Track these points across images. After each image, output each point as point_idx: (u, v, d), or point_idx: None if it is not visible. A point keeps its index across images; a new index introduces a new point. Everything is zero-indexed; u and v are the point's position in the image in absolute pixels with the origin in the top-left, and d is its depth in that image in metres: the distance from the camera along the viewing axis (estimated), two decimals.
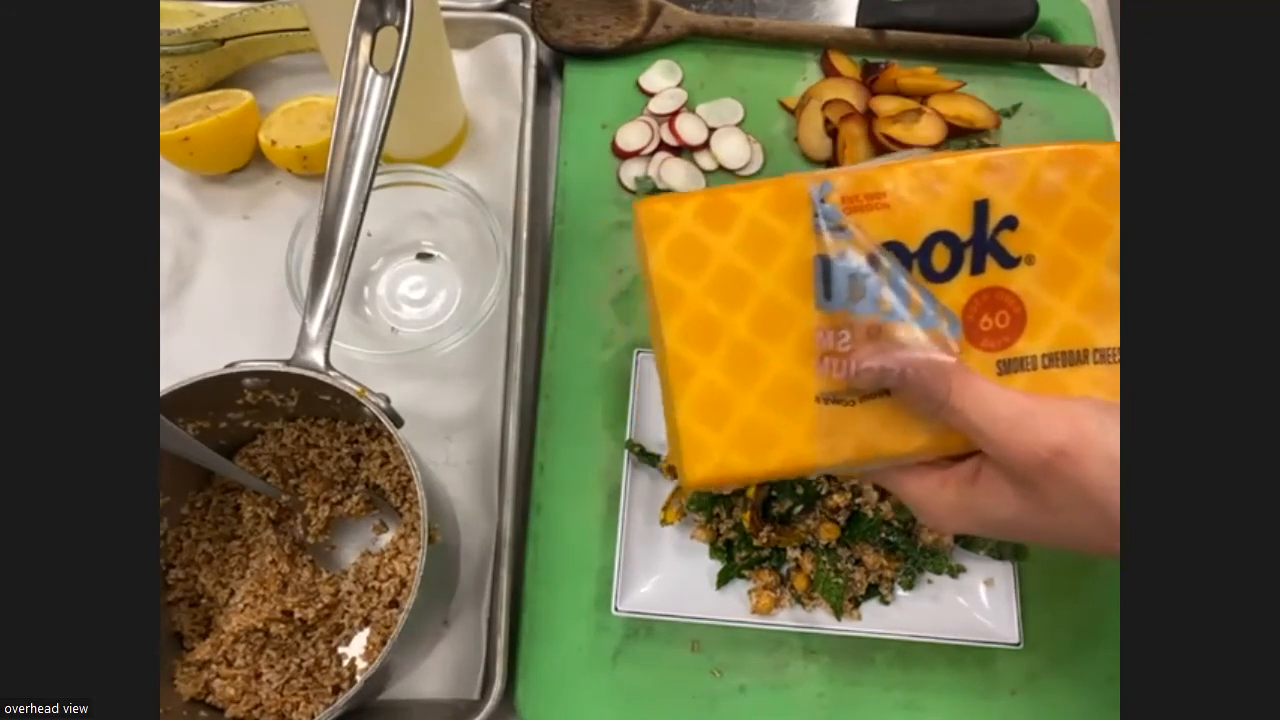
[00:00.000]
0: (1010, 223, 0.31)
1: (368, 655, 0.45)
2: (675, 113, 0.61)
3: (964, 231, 0.31)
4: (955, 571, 0.48)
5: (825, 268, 0.30)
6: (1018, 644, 0.46)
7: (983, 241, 0.31)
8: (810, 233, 0.30)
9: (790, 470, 0.31)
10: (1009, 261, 0.31)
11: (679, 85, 0.62)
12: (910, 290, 0.30)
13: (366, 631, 0.46)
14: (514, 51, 0.62)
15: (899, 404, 0.30)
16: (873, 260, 0.30)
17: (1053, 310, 0.31)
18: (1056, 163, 0.31)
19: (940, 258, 0.30)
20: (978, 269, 0.31)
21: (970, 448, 0.31)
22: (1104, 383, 0.31)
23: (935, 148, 0.60)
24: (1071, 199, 0.31)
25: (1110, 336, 0.31)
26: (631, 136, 0.60)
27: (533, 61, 0.61)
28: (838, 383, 0.30)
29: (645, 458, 0.50)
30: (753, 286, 0.30)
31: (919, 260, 0.30)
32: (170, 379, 0.42)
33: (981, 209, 0.31)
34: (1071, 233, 0.31)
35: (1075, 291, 0.31)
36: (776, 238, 0.30)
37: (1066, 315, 0.31)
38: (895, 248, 0.30)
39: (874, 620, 0.47)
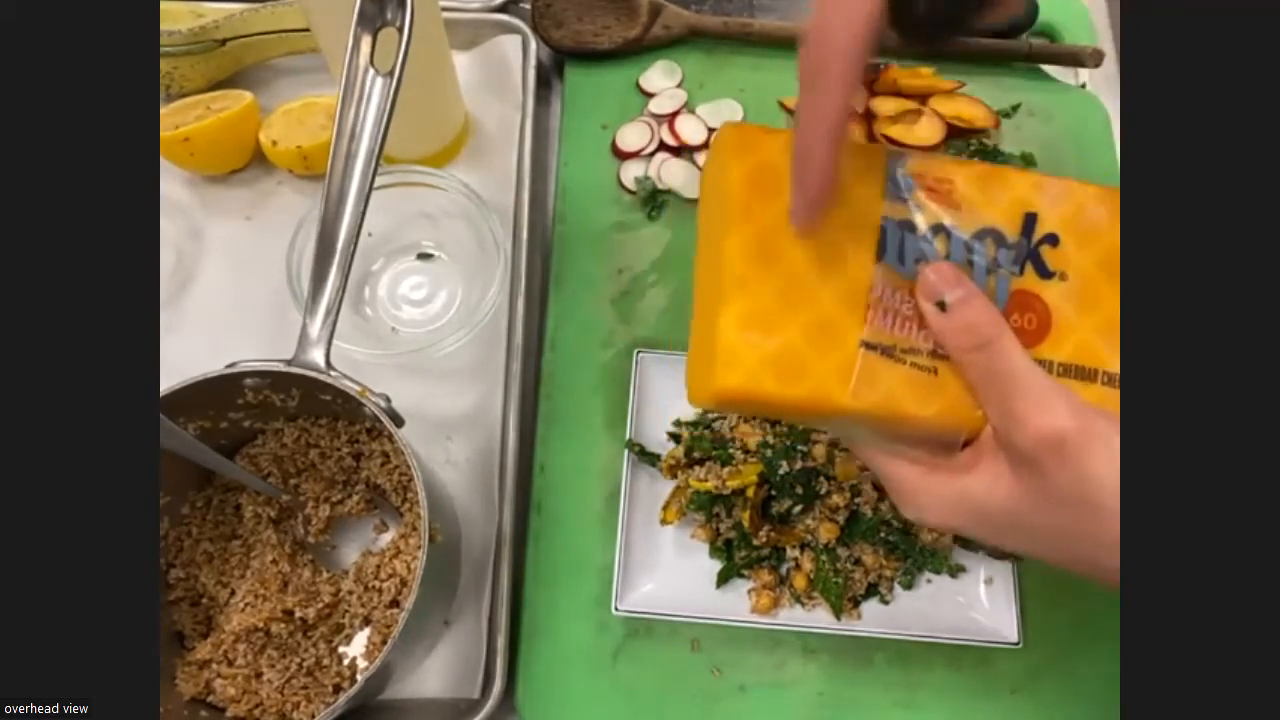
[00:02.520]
0: (1052, 239, 0.33)
1: (368, 655, 0.45)
2: (675, 113, 0.61)
3: (1012, 234, 0.33)
4: (955, 571, 0.48)
5: (898, 233, 0.32)
6: (1017, 643, 0.46)
7: (1026, 248, 0.33)
8: (879, 195, 0.32)
9: (813, 404, 0.31)
10: (1046, 273, 0.33)
11: (679, 86, 0.62)
12: (964, 269, 0.32)
13: (367, 631, 0.46)
14: (514, 52, 0.62)
15: (940, 375, 0.32)
16: (932, 233, 0.32)
17: (1075, 326, 0.33)
18: (1102, 201, 0.34)
19: (988, 250, 0.33)
20: (1017, 271, 0.33)
21: (974, 431, 0.32)
22: (1108, 403, 0.33)
23: (934, 148, 0.60)
24: (1107, 235, 0.34)
25: (1119, 364, 0.33)
26: (631, 137, 0.60)
27: (533, 62, 0.61)
28: (896, 338, 0.32)
29: (645, 457, 0.50)
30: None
31: (969, 247, 0.32)
32: (171, 379, 0.42)
33: (1030, 220, 0.33)
34: (1103, 264, 0.34)
35: (1097, 316, 0.33)
36: (848, 190, 0.32)
37: (1085, 334, 0.33)
38: (951, 230, 0.32)
39: (873, 620, 0.47)
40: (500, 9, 0.64)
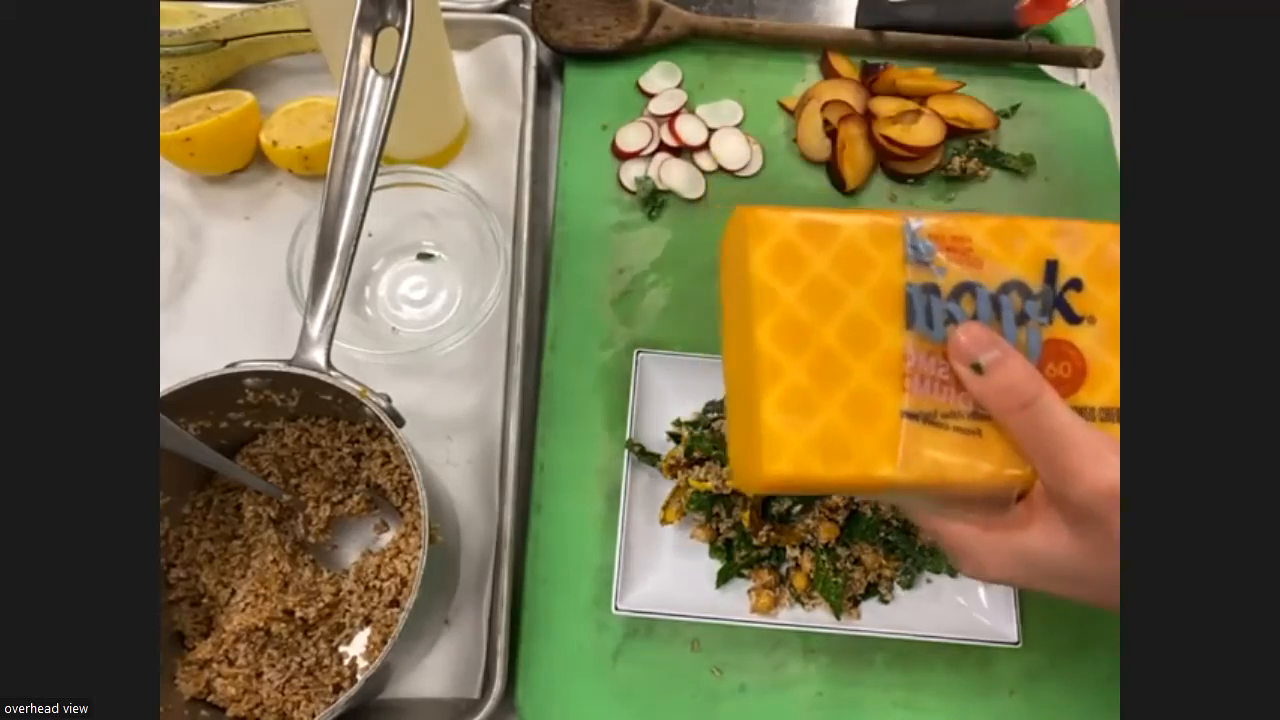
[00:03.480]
0: (1076, 284, 0.33)
1: (368, 654, 0.45)
2: (675, 113, 0.61)
3: (1036, 284, 0.33)
4: (954, 571, 0.48)
5: (924, 298, 0.32)
6: (1017, 643, 0.46)
7: (1052, 296, 0.33)
8: (900, 262, 0.32)
9: (861, 481, 0.31)
10: (1074, 318, 0.33)
11: (679, 86, 0.62)
12: (994, 326, 0.32)
13: (367, 631, 0.46)
14: (514, 52, 0.62)
15: (984, 435, 0.32)
16: (957, 294, 0.32)
17: (1111, 369, 0.33)
18: (1118, 238, 0.34)
19: (1014, 303, 0.33)
20: (1046, 320, 0.33)
21: (1026, 486, 0.32)
22: None
23: (934, 149, 0.60)
24: None
25: None
26: (631, 137, 0.60)
27: (533, 62, 0.61)
28: (936, 404, 0.32)
29: (645, 457, 0.50)
30: (843, 300, 0.32)
31: (995, 302, 0.32)
32: (172, 379, 0.42)
33: (1052, 268, 0.33)
34: None
35: None
36: (869, 260, 0.32)
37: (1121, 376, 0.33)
38: (976, 288, 0.32)
39: (873, 619, 0.47)
40: (500, 9, 0.64)
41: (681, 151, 0.60)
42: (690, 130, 0.60)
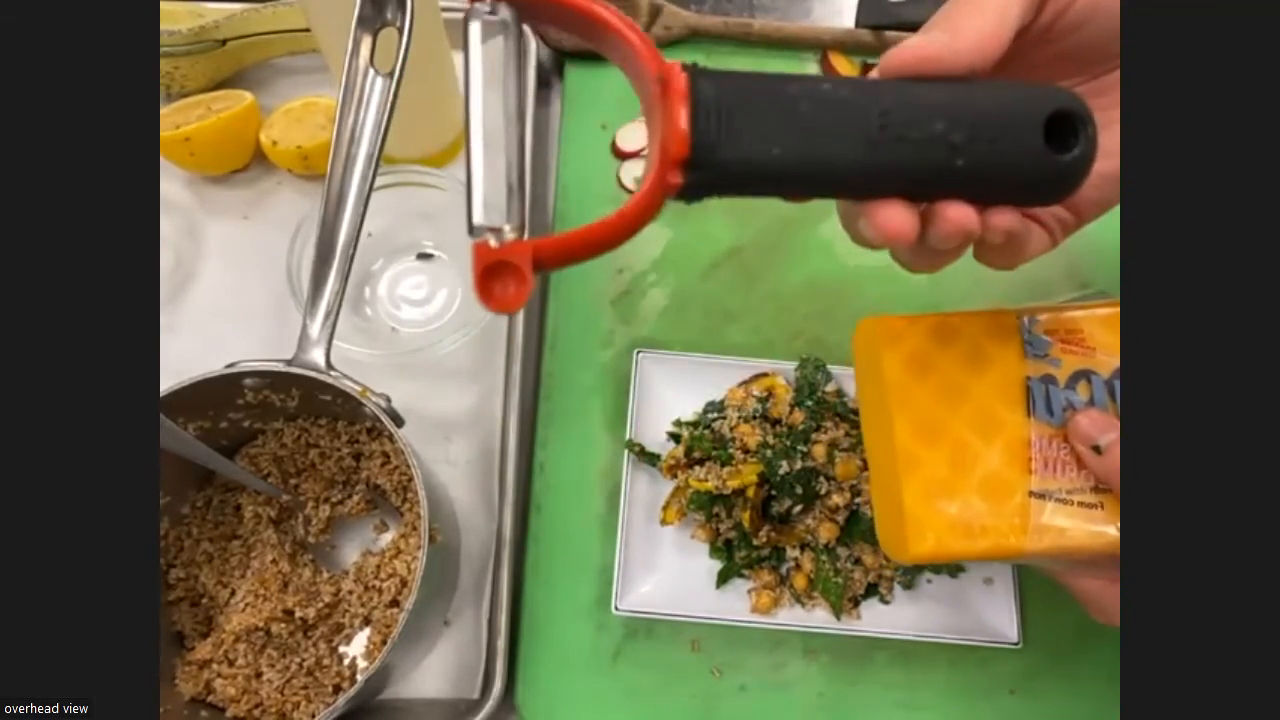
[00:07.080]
0: None
1: (368, 655, 0.45)
2: None
3: None
4: (955, 571, 0.48)
5: (1042, 388, 0.35)
6: (1017, 643, 0.46)
7: None
8: (1020, 357, 0.35)
9: (998, 553, 0.34)
10: None
11: None
12: (1110, 410, 0.35)
13: (367, 631, 0.46)
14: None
15: (1106, 507, 0.34)
16: (1073, 382, 0.35)
17: None
18: None
19: None
20: None
21: None
22: None
23: None
24: None
25: None
26: (631, 137, 0.60)
27: (533, 62, 0.61)
28: (1060, 482, 0.35)
29: (645, 457, 0.50)
30: (969, 395, 0.35)
31: (1111, 388, 0.35)
32: (171, 379, 0.42)
33: None
34: None
35: None
36: (989, 357, 0.36)
37: None
38: (1090, 375, 0.35)
39: (873, 620, 0.47)
40: None
41: None
42: None
